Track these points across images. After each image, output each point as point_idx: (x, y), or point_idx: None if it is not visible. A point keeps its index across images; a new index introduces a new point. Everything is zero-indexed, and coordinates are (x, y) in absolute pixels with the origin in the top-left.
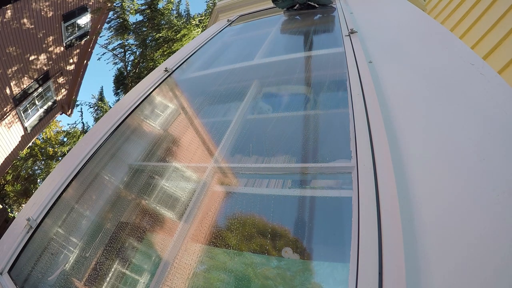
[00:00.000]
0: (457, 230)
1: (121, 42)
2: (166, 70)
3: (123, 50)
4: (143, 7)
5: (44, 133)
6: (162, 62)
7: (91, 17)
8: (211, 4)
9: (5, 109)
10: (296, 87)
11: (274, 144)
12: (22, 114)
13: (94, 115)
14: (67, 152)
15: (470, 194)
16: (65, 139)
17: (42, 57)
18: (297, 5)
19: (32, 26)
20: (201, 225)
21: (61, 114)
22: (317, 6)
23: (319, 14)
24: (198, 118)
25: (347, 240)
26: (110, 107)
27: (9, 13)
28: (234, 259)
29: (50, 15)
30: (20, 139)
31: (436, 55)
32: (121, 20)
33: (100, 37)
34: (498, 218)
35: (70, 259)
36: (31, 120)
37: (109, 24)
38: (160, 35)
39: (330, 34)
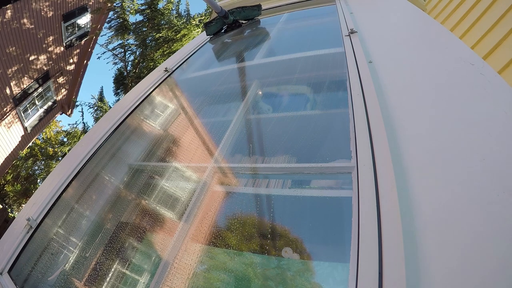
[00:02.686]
0: (457, 230)
1: (121, 42)
2: (166, 70)
3: (123, 50)
4: (143, 7)
5: (44, 133)
6: (162, 62)
7: (91, 17)
8: None
9: (5, 109)
10: (296, 87)
11: (274, 144)
12: (22, 114)
13: (94, 115)
14: (67, 152)
15: (470, 194)
16: (65, 139)
17: (42, 57)
18: (226, 27)
19: (32, 26)
20: (201, 225)
21: (61, 114)
22: (244, 22)
23: (245, 27)
24: (198, 118)
25: (347, 240)
26: (110, 107)
27: (9, 13)
28: (234, 259)
29: (50, 15)
30: (20, 139)
31: (436, 55)
32: (121, 20)
33: (101, 36)
34: (498, 218)
35: (70, 259)
36: (31, 120)
37: (109, 24)
38: (160, 35)
39: (330, 34)
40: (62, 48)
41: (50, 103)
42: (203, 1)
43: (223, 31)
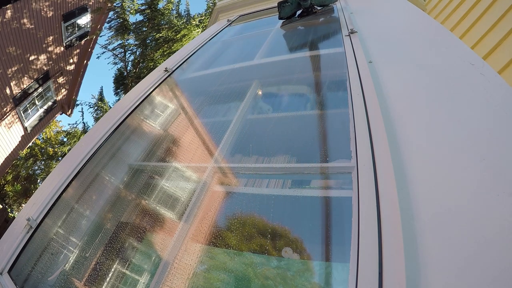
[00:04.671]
0: (457, 230)
1: (121, 42)
2: (166, 70)
3: (123, 50)
4: (143, 7)
5: (44, 133)
6: (162, 62)
7: (91, 17)
8: (211, 4)
9: (5, 109)
10: (296, 87)
11: (274, 144)
12: (22, 114)
13: (94, 115)
14: (67, 152)
15: (469, 194)
16: (65, 139)
17: (42, 57)
18: (300, 12)
19: (32, 26)
20: (201, 225)
21: (61, 114)
22: (318, 8)
23: (318, 14)
24: (198, 118)
25: (347, 240)
26: (110, 107)
27: (9, 13)
28: (234, 259)
29: (50, 15)
30: (20, 139)
31: (436, 55)
32: (121, 20)
33: (101, 36)
34: (498, 218)
35: (70, 259)
36: (31, 120)
37: (109, 24)
38: (160, 35)
39: (330, 34)
40: (62, 48)
41: (50, 103)
42: None
43: (296, 16)
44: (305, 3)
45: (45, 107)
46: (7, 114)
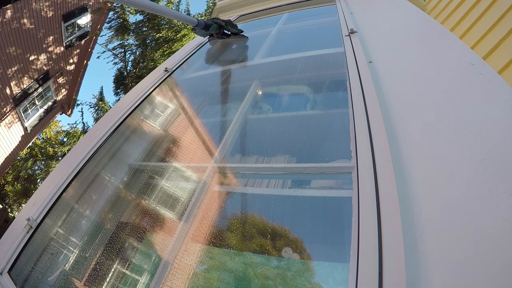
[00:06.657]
0: (457, 230)
1: (121, 42)
2: (166, 70)
3: (123, 50)
4: None
5: (44, 133)
6: (162, 62)
7: (91, 17)
8: (211, 4)
9: (5, 109)
10: (296, 87)
11: (274, 144)
12: (22, 114)
13: (94, 115)
14: (67, 152)
15: (470, 194)
16: (65, 139)
17: (42, 57)
18: (214, 35)
19: (32, 26)
20: (201, 225)
21: (61, 114)
22: (230, 34)
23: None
24: (198, 118)
25: (347, 240)
26: (110, 107)
27: (9, 13)
28: (234, 259)
29: (50, 15)
30: (20, 139)
31: (436, 55)
32: (121, 20)
33: (101, 36)
34: (498, 218)
35: (70, 259)
36: (31, 120)
37: (109, 24)
38: (160, 35)
39: (329, 34)
40: (62, 48)
41: (50, 103)
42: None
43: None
44: (209, 31)
45: (45, 107)
46: (7, 114)
